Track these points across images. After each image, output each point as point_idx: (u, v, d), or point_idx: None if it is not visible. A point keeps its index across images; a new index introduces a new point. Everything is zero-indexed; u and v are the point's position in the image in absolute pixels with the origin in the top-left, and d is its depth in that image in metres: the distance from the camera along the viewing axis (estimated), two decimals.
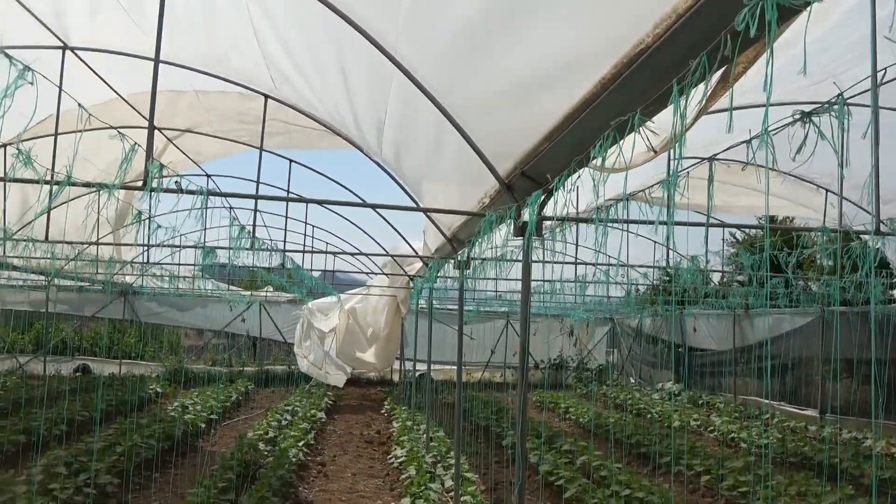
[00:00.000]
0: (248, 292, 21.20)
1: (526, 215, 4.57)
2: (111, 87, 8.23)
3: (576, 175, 3.49)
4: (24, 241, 8.73)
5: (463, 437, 10.70)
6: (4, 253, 10.08)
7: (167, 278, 18.46)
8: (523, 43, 3.42)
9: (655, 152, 3.16)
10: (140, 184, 4.05)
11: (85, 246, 12.45)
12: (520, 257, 7.39)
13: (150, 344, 22.60)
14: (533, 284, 14.62)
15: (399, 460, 10.42)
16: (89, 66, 7.59)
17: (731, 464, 10.08)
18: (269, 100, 7.71)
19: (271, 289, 21.84)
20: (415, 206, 8.19)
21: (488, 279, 10.45)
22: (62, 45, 7.02)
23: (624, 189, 2.51)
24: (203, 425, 12.74)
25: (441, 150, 5.77)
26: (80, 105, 5.86)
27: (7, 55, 3.08)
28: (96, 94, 8.24)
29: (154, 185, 3.77)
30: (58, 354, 20.15)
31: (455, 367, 20.21)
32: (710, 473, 9.88)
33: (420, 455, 10.15)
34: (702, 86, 2.08)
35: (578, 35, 2.91)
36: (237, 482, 8.67)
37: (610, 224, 4.03)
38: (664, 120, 2.82)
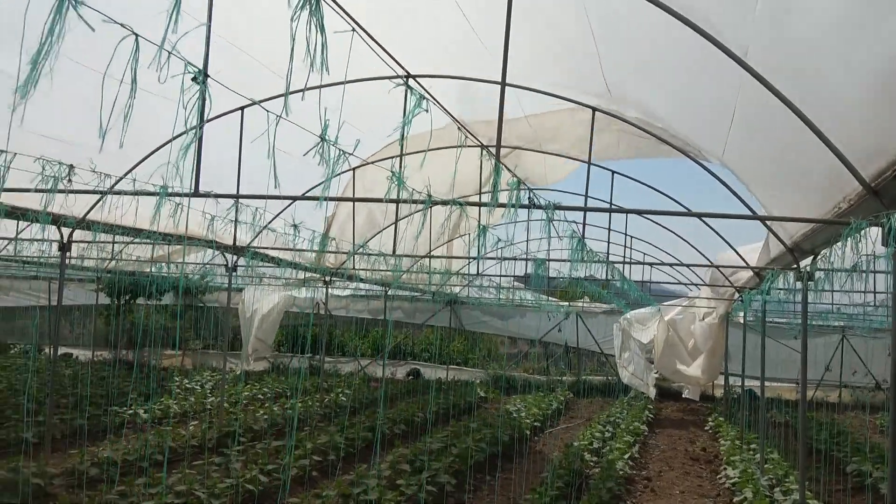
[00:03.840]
0: (566, 303, 21.47)
1: None
2: (447, 112, 8.74)
3: None
4: (376, 254, 9.56)
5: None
6: (354, 265, 11.11)
7: (491, 289, 19.30)
8: None
9: None
10: (473, 198, 4.24)
11: (420, 259, 13.37)
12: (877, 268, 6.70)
13: (472, 351, 23.76)
14: (881, 297, 13.26)
15: (731, 481, 9.93)
16: (428, 93, 8.12)
17: None
18: (597, 112, 7.73)
19: (587, 299, 21.97)
20: (750, 213, 7.77)
21: (842, 292, 9.62)
22: (406, 74, 7.58)
23: None
24: (528, 432, 13.10)
25: (789, 155, 5.42)
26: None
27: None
28: (433, 118, 8.80)
29: (504, 200, 3.91)
30: (393, 358, 21.88)
31: (786, 385, 18.94)
32: None
33: (755, 477, 9.58)
34: None
35: None
36: (566, 490, 8.78)
37: None
38: None
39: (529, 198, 4.18)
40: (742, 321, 15.28)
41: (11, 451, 9.58)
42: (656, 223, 13.62)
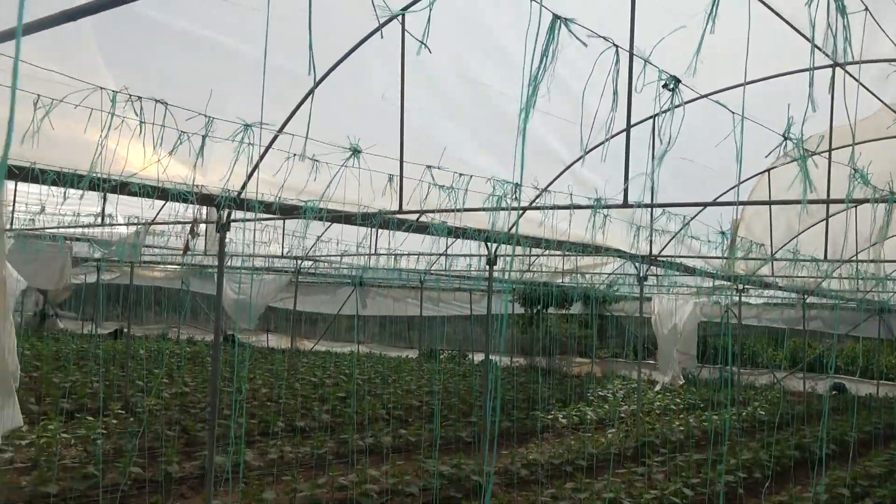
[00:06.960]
0: None
1: None
2: (878, 98, 7.88)
3: None
4: (808, 260, 8.93)
5: None
6: (773, 272, 10.47)
7: None
8: None
9: None
10: None
11: (842, 263, 12.15)
12: None
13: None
14: None
15: None
16: (857, 80, 7.39)
17: None
18: None
19: None
20: None
21: None
22: (832, 63, 6.96)
23: None
24: None
25: None
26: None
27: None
28: (863, 106, 7.99)
29: None
30: (812, 371, 20.22)
31: None
32: None
33: None
34: None
35: None
36: None
37: None
38: None
39: None
40: None
41: (452, 449, 10.54)
42: None
